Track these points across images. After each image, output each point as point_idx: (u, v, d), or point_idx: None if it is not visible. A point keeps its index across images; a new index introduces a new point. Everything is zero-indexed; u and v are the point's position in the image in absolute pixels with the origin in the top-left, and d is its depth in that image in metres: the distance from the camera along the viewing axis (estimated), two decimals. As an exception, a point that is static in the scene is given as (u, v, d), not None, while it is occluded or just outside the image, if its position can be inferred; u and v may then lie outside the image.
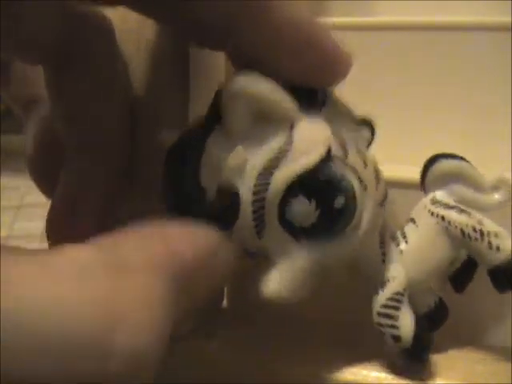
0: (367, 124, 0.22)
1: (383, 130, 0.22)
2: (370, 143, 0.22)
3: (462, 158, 0.23)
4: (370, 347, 0.23)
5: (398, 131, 0.29)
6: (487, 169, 0.23)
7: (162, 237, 0.17)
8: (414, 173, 0.25)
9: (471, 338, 0.24)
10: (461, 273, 0.23)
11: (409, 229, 0.23)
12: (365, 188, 0.20)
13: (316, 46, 0.19)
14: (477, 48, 0.29)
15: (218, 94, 0.19)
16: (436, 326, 0.23)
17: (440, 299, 0.23)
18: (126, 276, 0.15)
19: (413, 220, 0.23)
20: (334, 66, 0.20)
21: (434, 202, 0.23)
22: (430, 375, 0.22)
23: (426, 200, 0.23)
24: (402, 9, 0.32)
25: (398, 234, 0.23)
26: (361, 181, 0.20)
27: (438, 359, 0.23)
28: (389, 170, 0.22)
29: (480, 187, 0.23)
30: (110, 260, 0.15)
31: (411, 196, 0.24)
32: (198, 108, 0.24)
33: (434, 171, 0.23)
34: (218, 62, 0.26)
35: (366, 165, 0.20)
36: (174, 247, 0.17)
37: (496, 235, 0.22)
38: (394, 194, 0.23)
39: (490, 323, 0.24)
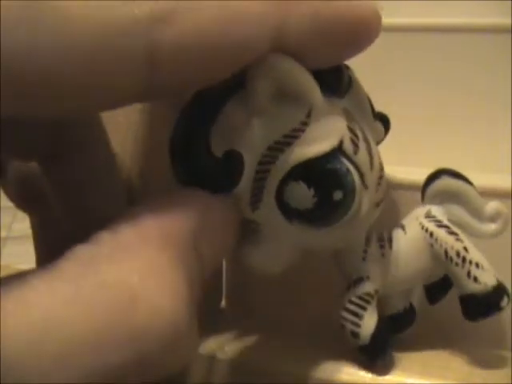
0: (382, 119, 0.22)
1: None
2: (382, 140, 0.22)
3: (465, 179, 0.23)
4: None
5: (398, 131, 0.29)
6: (487, 169, 0.23)
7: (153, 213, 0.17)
8: (411, 174, 0.25)
9: (469, 339, 0.25)
10: (436, 287, 0.24)
11: (397, 234, 0.23)
12: (365, 187, 0.20)
13: (334, 21, 0.18)
14: (477, 50, 0.29)
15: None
16: (399, 330, 0.24)
17: (410, 305, 0.24)
18: (126, 256, 0.15)
19: (403, 227, 0.23)
20: (363, 30, 0.19)
21: (428, 215, 0.23)
22: (427, 375, 0.22)
23: (421, 211, 0.23)
24: (402, 10, 0.32)
25: (385, 236, 0.23)
26: (363, 181, 0.20)
27: (434, 359, 0.24)
28: (388, 171, 0.22)
29: (477, 213, 0.23)
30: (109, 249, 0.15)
31: (409, 197, 0.24)
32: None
33: (436, 187, 0.23)
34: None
35: (372, 166, 0.20)
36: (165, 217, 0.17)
37: (477, 265, 0.22)
38: (393, 195, 0.24)
39: (488, 324, 0.24)
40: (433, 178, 0.23)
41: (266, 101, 0.18)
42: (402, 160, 0.26)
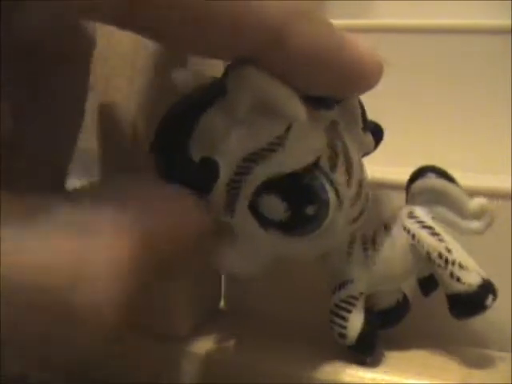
0: (375, 130, 0.22)
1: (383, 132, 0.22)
2: (371, 151, 0.22)
3: (449, 178, 0.23)
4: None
5: (398, 132, 0.29)
6: (487, 169, 0.23)
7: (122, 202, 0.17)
8: (405, 174, 0.24)
9: (468, 339, 0.24)
10: (429, 279, 0.23)
11: (380, 235, 0.23)
12: (340, 204, 0.20)
13: (338, 62, 0.18)
14: (477, 50, 0.29)
15: (228, 72, 0.19)
16: (392, 323, 0.24)
17: (404, 296, 0.24)
18: (88, 236, 0.15)
19: (386, 227, 0.23)
20: (362, 78, 0.19)
21: (411, 216, 0.23)
22: (427, 376, 0.22)
23: (404, 212, 0.23)
24: (402, 11, 0.32)
25: (369, 238, 0.23)
26: (338, 197, 0.20)
27: (434, 360, 0.23)
28: (386, 172, 0.22)
29: (462, 211, 0.22)
30: (75, 221, 0.16)
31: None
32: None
33: (420, 185, 0.23)
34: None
35: (349, 184, 0.20)
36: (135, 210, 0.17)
37: (460, 266, 0.22)
38: (395, 195, 0.23)
39: (488, 325, 0.24)
40: (417, 175, 0.23)
41: (245, 112, 0.19)
42: (402, 160, 0.26)
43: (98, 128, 0.25)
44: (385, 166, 0.27)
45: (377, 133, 0.22)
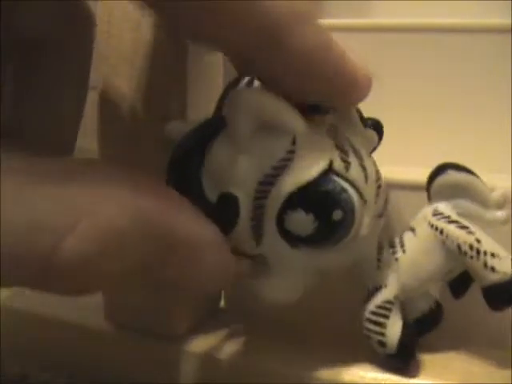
0: (375, 126, 0.22)
1: (384, 131, 0.22)
2: (376, 147, 0.22)
3: (469, 171, 0.22)
4: (367, 348, 0.23)
5: (398, 132, 0.29)
6: (487, 169, 0.23)
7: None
8: (412, 174, 0.24)
9: (469, 339, 0.24)
10: (459, 281, 0.23)
11: (407, 237, 0.23)
12: (364, 202, 0.20)
13: (332, 72, 0.18)
14: (477, 50, 0.29)
15: (222, 105, 0.19)
16: (428, 330, 0.24)
17: (436, 303, 0.24)
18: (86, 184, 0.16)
19: (412, 229, 0.23)
20: (353, 89, 0.19)
21: (436, 213, 0.23)
22: (427, 376, 0.22)
23: (428, 210, 0.23)
24: (401, 10, 0.32)
25: (397, 241, 0.23)
26: (361, 195, 0.20)
27: (435, 360, 0.24)
28: (390, 172, 0.22)
29: (485, 202, 0.22)
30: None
31: (415, 198, 0.24)
32: (196, 109, 0.24)
33: (441, 182, 0.23)
34: (217, 60, 0.26)
35: (366, 179, 0.20)
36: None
37: (493, 255, 0.21)
38: (398, 195, 0.23)
39: (488, 324, 0.24)
40: (438, 172, 0.23)
41: (248, 137, 0.18)
42: (402, 160, 0.26)
43: (98, 128, 0.25)
44: (384, 165, 0.27)
45: (377, 128, 0.22)
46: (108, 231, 0.16)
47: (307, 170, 0.19)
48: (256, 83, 0.20)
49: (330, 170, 0.19)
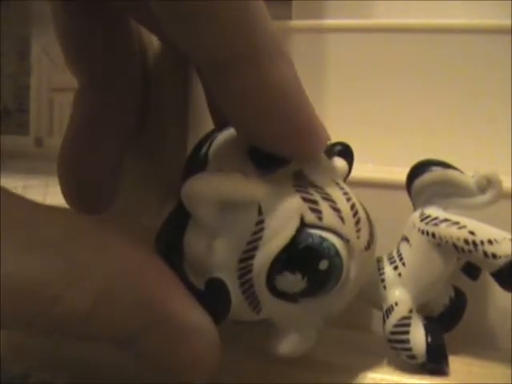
0: (343, 152, 0.22)
1: (381, 131, 0.22)
2: (348, 173, 0.22)
3: (444, 164, 0.22)
4: (369, 348, 0.23)
5: (397, 132, 0.29)
6: (487, 168, 0.23)
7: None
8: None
9: (469, 339, 0.24)
10: (470, 263, 0.23)
11: (403, 248, 0.23)
12: (347, 242, 0.20)
13: (286, 116, 0.18)
14: (477, 50, 0.29)
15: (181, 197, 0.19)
16: (457, 320, 0.24)
17: (456, 290, 0.23)
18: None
19: (406, 239, 0.23)
20: (307, 139, 0.19)
21: (423, 218, 0.22)
22: (427, 376, 0.22)
23: (415, 216, 0.23)
24: (401, 11, 0.32)
25: (395, 254, 0.23)
26: (341, 237, 0.20)
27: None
28: (389, 172, 0.22)
29: (467, 191, 0.22)
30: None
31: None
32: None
33: (418, 184, 0.23)
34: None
35: (343, 220, 0.20)
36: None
37: (490, 242, 0.21)
38: (397, 195, 0.23)
39: (488, 324, 0.24)
40: (417, 172, 0.23)
41: (215, 220, 0.19)
42: (402, 160, 0.26)
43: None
44: (384, 165, 0.27)
45: (346, 153, 0.22)
46: (103, 292, 0.16)
47: (281, 233, 0.19)
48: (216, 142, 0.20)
49: (302, 225, 0.19)
